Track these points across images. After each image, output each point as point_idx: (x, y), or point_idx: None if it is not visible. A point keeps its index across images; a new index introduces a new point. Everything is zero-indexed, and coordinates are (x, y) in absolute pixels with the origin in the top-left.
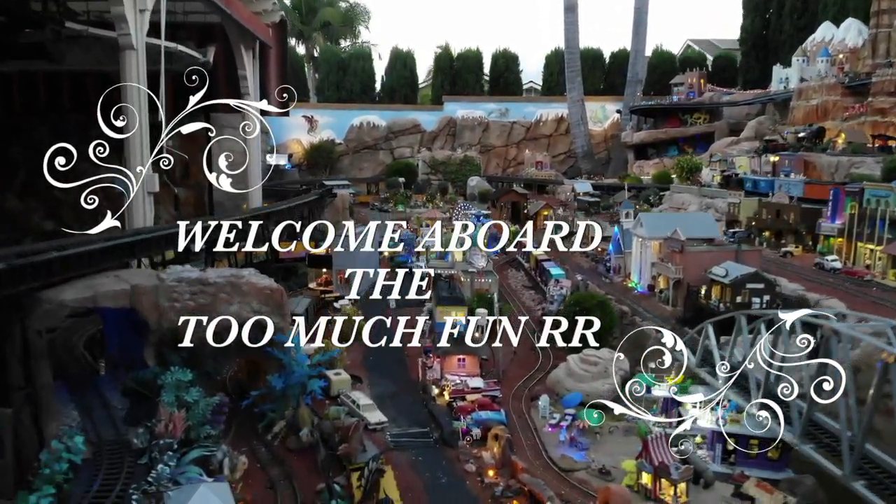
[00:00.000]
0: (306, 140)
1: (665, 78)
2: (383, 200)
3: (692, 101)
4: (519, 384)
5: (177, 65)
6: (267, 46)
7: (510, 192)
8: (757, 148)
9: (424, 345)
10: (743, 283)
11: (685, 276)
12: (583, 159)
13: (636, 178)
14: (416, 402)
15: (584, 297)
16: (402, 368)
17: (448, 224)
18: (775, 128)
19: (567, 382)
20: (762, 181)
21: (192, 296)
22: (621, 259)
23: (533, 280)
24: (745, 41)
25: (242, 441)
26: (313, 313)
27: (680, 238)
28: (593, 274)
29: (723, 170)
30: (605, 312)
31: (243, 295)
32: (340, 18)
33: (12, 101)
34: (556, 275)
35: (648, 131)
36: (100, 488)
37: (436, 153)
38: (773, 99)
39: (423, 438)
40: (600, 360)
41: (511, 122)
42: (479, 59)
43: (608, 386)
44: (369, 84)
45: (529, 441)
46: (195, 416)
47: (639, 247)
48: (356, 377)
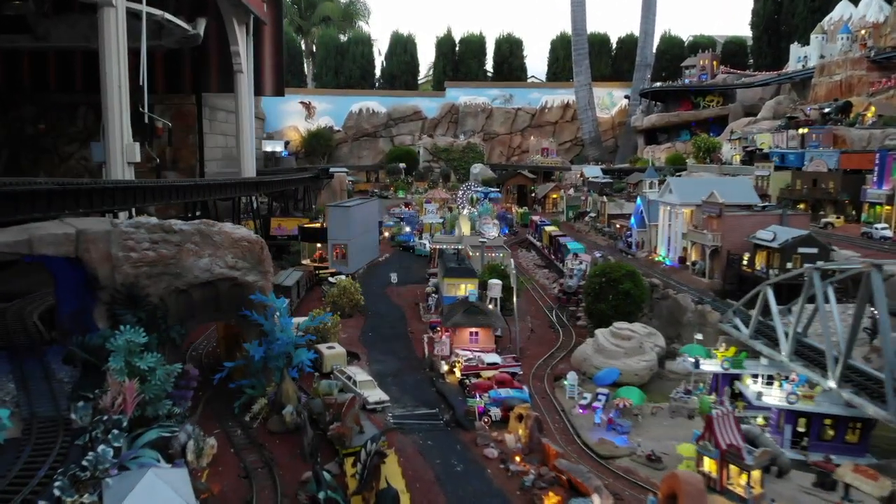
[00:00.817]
0: (303, 127)
1: (674, 63)
2: (383, 188)
3: (705, 84)
4: (539, 362)
5: (166, 39)
6: (262, 22)
7: (517, 174)
8: (779, 125)
9: (430, 320)
10: (794, 247)
11: (724, 244)
12: (590, 146)
13: (648, 161)
14: (423, 381)
15: (610, 266)
16: (405, 345)
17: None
18: (796, 106)
19: (596, 359)
20: (791, 154)
21: (153, 245)
22: (644, 233)
23: (546, 258)
24: (757, 24)
25: (214, 421)
26: (305, 288)
27: (717, 201)
28: (612, 251)
29: (745, 146)
30: (636, 283)
31: (215, 246)
32: (340, 13)
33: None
34: (574, 249)
35: (660, 114)
36: (19, 473)
37: (437, 140)
38: (792, 78)
39: (431, 420)
40: (634, 334)
41: (515, 108)
42: (482, 43)
43: (644, 363)
44: (369, 69)
45: (557, 424)
46: (152, 388)
47: (667, 216)
48: (353, 353)
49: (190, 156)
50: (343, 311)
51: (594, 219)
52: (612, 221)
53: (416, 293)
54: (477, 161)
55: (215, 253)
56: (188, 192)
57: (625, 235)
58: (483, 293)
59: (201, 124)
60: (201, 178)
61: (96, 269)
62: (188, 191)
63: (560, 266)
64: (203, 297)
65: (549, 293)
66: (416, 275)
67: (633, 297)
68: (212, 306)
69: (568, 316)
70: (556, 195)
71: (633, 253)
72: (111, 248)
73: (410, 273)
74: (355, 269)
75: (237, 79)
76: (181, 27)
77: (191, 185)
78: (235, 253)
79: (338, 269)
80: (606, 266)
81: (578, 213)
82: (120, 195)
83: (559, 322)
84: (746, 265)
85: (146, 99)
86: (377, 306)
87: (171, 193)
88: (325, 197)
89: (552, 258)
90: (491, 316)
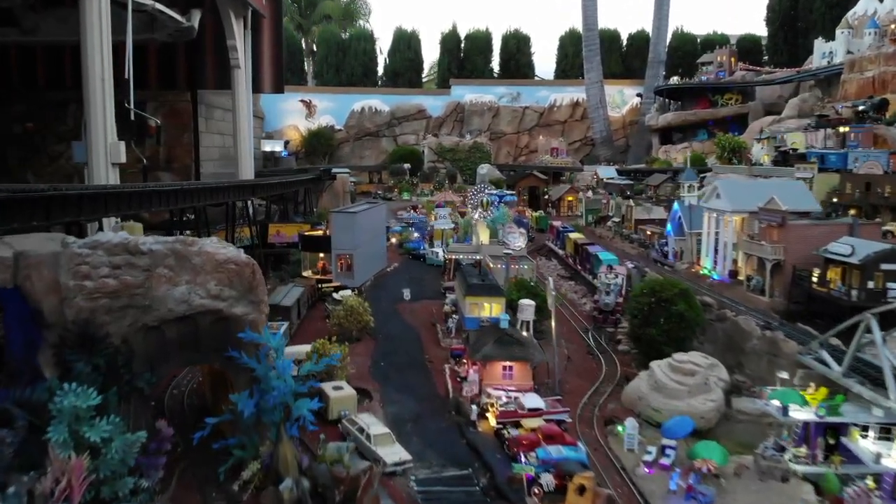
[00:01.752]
0: (304, 126)
1: (686, 60)
2: (387, 189)
3: (723, 81)
4: (583, 400)
5: (159, 33)
6: (260, 15)
7: (529, 175)
8: (808, 124)
9: (451, 346)
10: (876, 263)
11: (787, 258)
12: (601, 145)
13: (666, 162)
14: (449, 429)
15: (660, 284)
16: (424, 377)
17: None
18: (823, 104)
19: (654, 399)
20: (832, 155)
21: (114, 270)
22: (683, 242)
23: (570, 269)
24: (773, 21)
25: (194, 492)
26: (307, 306)
27: (780, 208)
28: (645, 260)
29: (777, 146)
30: (691, 304)
31: (195, 271)
32: (340, 12)
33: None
34: (606, 260)
35: (676, 113)
36: None
37: (442, 140)
38: (816, 75)
39: (464, 486)
40: (698, 368)
41: (523, 107)
42: (489, 40)
43: (711, 404)
44: (371, 67)
45: (620, 489)
46: (108, 465)
47: (712, 224)
48: (363, 391)
49: (185, 156)
50: (350, 335)
51: (618, 224)
52: (641, 227)
53: (431, 311)
54: (484, 161)
55: (194, 279)
56: (170, 198)
57: (659, 244)
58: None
59: (197, 123)
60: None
61: (40, 301)
62: (170, 196)
63: (589, 278)
64: (179, 335)
65: (579, 310)
66: (430, 288)
67: (687, 320)
68: (190, 346)
69: (607, 339)
70: (571, 198)
71: (670, 264)
72: (59, 276)
73: (423, 286)
74: (362, 282)
75: (234, 75)
76: (174, 19)
77: (175, 190)
78: (220, 279)
79: (343, 282)
80: (655, 283)
81: (599, 218)
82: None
83: (597, 345)
84: (817, 283)
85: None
86: (388, 326)
87: (151, 200)
88: (326, 200)
89: (578, 269)
90: (528, 347)
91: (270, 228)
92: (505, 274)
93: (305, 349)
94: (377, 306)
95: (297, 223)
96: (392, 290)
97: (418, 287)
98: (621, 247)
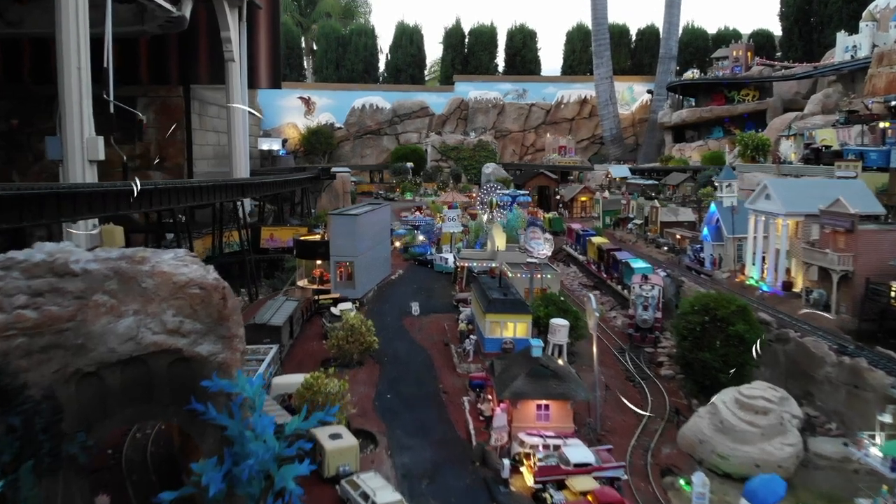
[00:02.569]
0: (302, 124)
1: (698, 56)
2: (389, 189)
3: (739, 77)
4: (631, 443)
5: (149, 24)
6: (256, 6)
7: (538, 175)
8: (837, 120)
9: (469, 373)
10: None
11: (857, 268)
12: (611, 143)
13: (682, 161)
14: (474, 487)
15: (714, 299)
16: (438, 413)
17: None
18: (850, 100)
19: (719, 442)
20: (872, 152)
21: (34, 299)
22: (721, 248)
23: (594, 276)
24: (787, 16)
25: None
26: (301, 322)
27: (848, 210)
28: (677, 268)
29: (807, 143)
30: (751, 325)
31: (145, 297)
32: (340, 10)
33: None
34: (639, 269)
35: (691, 110)
36: None
37: (446, 138)
38: (840, 69)
39: None
40: (771, 405)
41: (529, 104)
42: (494, 35)
43: (790, 449)
44: (372, 62)
45: None
46: None
47: (760, 228)
48: (367, 434)
49: (177, 154)
50: (351, 359)
51: (641, 227)
52: (667, 230)
53: (442, 327)
54: (489, 160)
55: (145, 308)
56: (144, 200)
57: (693, 249)
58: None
59: (189, 119)
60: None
61: None
62: (145, 197)
63: (617, 288)
64: (124, 383)
65: (610, 325)
66: (440, 300)
67: (747, 343)
68: (140, 398)
69: (646, 360)
70: (585, 198)
71: (707, 272)
72: None
73: (432, 297)
74: (364, 293)
75: (228, 68)
76: (164, 8)
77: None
78: (180, 307)
79: (343, 292)
80: (707, 299)
81: (618, 220)
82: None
83: (635, 368)
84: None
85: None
86: (394, 346)
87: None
88: (325, 201)
89: (603, 277)
90: (568, 381)
91: (263, 232)
92: (528, 285)
93: (299, 380)
94: (381, 322)
95: (292, 226)
96: (398, 302)
97: (427, 298)
98: (647, 252)
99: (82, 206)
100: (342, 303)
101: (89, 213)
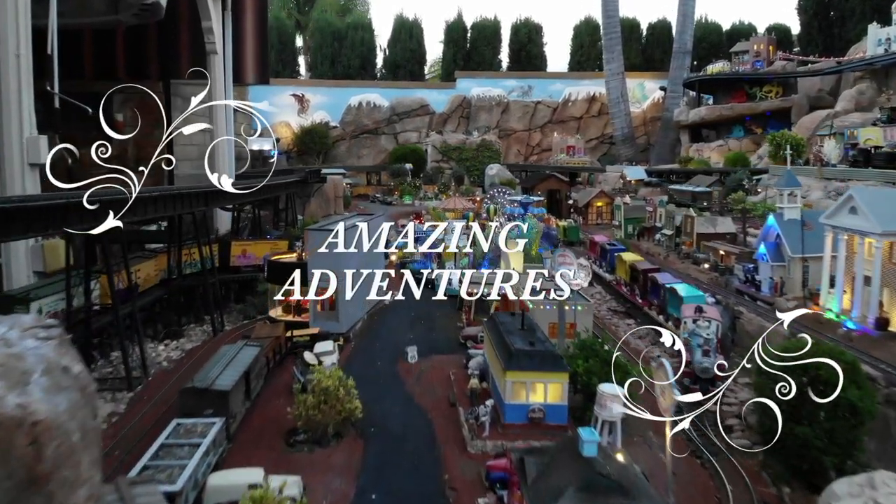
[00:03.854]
0: (296, 122)
1: (712, 51)
2: (386, 192)
3: (762, 72)
4: None
5: (123, 13)
6: None
7: (549, 178)
8: (878, 118)
9: (486, 457)
10: None
11: None
12: (622, 143)
13: (702, 162)
14: None
15: (814, 353)
16: None
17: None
18: (889, 96)
19: None
20: None
21: None
22: (782, 269)
23: (626, 301)
24: (806, 9)
25: None
26: (265, 374)
27: None
28: (725, 291)
29: (852, 142)
30: (862, 388)
31: None
32: (338, 8)
33: None
34: (690, 298)
35: (710, 107)
36: None
37: (447, 137)
38: (872, 63)
39: None
40: None
41: (534, 101)
42: (497, 29)
43: None
44: (370, 58)
45: None
46: None
47: (841, 248)
48: None
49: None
50: (324, 436)
51: (671, 238)
52: (705, 244)
53: (447, 375)
54: (493, 161)
55: None
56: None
57: (745, 269)
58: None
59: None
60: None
61: None
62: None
63: (659, 319)
64: None
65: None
66: (444, 334)
67: (860, 413)
68: None
69: (710, 422)
70: (601, 203)
71: (766, 299)
72: None
73: (434, 330)
74: (350, 326)
75: (210, 61)
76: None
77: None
78: None
79: (323, 326)
80: (803, 348)
81: (642, 229)
82: None
83: (699, 435)
84: None
85: (56, 74)
86: (384, 407)
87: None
88: (315, 207)
89: (637, 302)
90: (639, 497)
91: (234, 247)
92: (557, 319)
93: (247, 479)
94: (369, 369)
95: (269, 241)
96: (392, 337)
97: (427, 331)
98: (683, 269)
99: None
100: (321, 342)
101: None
